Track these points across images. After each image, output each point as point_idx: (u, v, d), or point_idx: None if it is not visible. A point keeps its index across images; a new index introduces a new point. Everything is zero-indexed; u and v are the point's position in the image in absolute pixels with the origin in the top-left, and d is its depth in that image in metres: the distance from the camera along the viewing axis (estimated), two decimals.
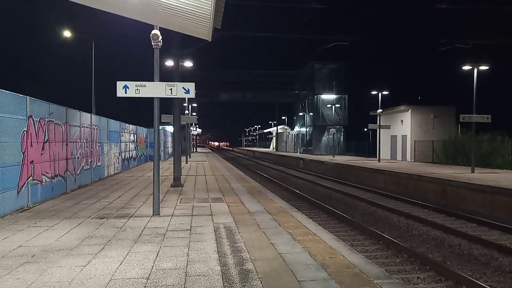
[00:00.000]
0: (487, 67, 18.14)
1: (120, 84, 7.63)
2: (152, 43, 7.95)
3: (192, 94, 7.75)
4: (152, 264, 4.82)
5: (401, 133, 31.41)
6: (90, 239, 6.07)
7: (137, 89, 7.65)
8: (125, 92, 7.64)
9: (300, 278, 4.33)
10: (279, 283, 4.22)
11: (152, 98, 7.91)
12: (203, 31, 6.73)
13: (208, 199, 10.08)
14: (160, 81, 7.93)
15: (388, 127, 29.06)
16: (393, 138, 32.56)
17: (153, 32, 7.80)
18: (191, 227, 6.87)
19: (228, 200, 9.97)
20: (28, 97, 8.92)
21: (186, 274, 4.46)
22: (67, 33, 21.48)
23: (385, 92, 28.71)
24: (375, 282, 4.25)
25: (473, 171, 17.79)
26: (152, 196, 9.02)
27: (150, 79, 7.90)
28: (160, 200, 8.24)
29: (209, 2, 5.20)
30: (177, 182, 12.90)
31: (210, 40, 7.47)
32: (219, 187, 12.92)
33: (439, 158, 26.30)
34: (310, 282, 4.22)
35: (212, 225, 7.02)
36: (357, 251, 6.73)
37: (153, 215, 7.89)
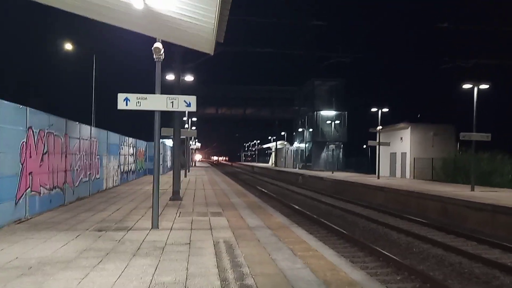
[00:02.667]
0: (487, 86, 18.28)
1: (121, 97, 7.62)
2: (154, 56, 8.00)
3: (193, 108, 7.76)
4: (151, 278, 4.74)
5: (400, 151, 31.45)
6: (88, 251, 5.98)
7: (138, 101, 7.64)
8: (126, 105, 7.64)
9: None
10: None
11: (153, 111, 7.93)
12: (206, 45, 6.78)
13: (208, 213, 10.00)
14: (161, 94, 7.94)
15: (387, 144, 29.10)
16: (393, 155, 32.58)
17: (155, 45, 7.86)
18: (190, 241, 6.79)
19: (228, 214, 9.89)
20: (28, 108, 8.91)
21: None
22: (68, 46, 21.68)
23: (385, 109, 28.87)
24: None
25: (472, 189, 17.74)
26: (150, 209, 8.95)
27: (150, 92, 7.91)
28: (159, 214, 8.16)
29: (212, 15, 5.26)
30: (176, 196, 12.82)
31: (212, 54, 7.53)
32: (218, 201, 12.84)
33: (439, 176, 26.28)
34: None
35: (211, 239, 6.94)
36: (358, 268, 6.64)
37: (152, 228, 7.80)
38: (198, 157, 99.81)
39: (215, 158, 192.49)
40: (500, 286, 7.34)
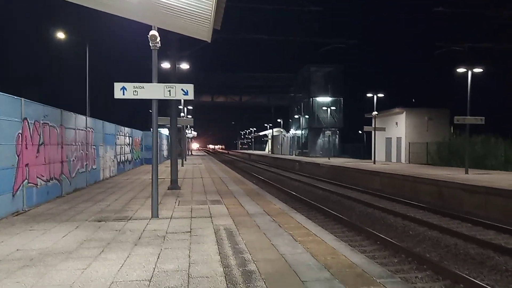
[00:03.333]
0: (481, 70, 18.33)
1: (117, 86, 7.55)
2: (150, 44, 7.90)
3: (191, 96, 7.71)
4: (154, 266, 4.79)
5: (395, 135, 31.61)
6: (89, 242, 6.01)
7: (135, 90, 7.58)
8: (123, 94, 7.57)
9: (303, 278, 4.32)
10: (283, 283, 4.21)
11: (150, 100, 7.88)
12: (203, 32, 6.71)
13: (207, 201, 10.04)
14: (157, 83, 7.88)
15: (383, 129, 29.22)
16: (388, 140, 32.75)
17: (151, 33, 7.75)
18: (191, 229, 6.84)
19: (227, 202, 9.94)
20: (23, 99, 8.83)
21: (189, 276, 4.43)
22: (61, 35, 21.34)
23: (380, 95, 28.88)
24: (378, 281, 4.26)
25: (467, 173, 17.94)
26: (149, 198, 8.97)
27: (145, 80, 7.84)
28: (158, 203, 8.18)
29: (210, 2, 5.19)
30: (174, 185, 12.84)
31: (209, 41, 7.46)
32: (217, 189, 12.88)
33: (433, 160, 26.50)
34: (314, 282, 4.22)
35: (212, 227, 6.99)
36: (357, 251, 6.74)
37: (151, 217, 7.83)
38: (195, 145, 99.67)
39: (211, 146, 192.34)
40: (494, 266, 7.49)
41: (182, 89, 7.66)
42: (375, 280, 4.30)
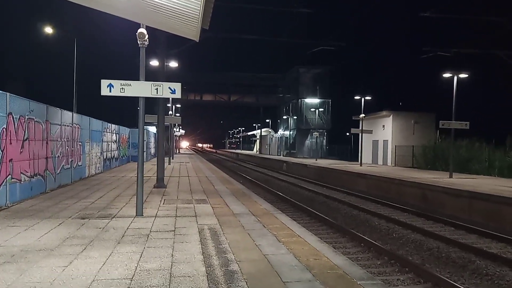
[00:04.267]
0: (466, 75, 18.67)
1: (104, 83, 7.51)
2: (138, 42, 7.87)
3: (178, 95, 7.71)
4: (136, 265, 4.77)
5: (382, 138, 31.97)
6: (71, 239, 5.96)
7: (122, 88, 7.55)
8: (110, 91, 7.54)
9: (285, 279, 4.36)
10: (265, 284, 4.24)
11: (138, 97, 7.84)
12: (191, 31, 6.71)
13: (192, 201, 10.02)
14: (145, 80, 7.85)
15: (370, 132, 29.51)
16: (375, 143, 33.10)
17: (139, 30, 7.73)
18: (175, 228, 6.82)
19: (212, 201, 9.94)
20: (8, 93, 8.72)
21: (171, 275, 4.43)
22: (48, 30, 21.04)
23: (368, 98, 29.17)
24: (358, 283, 4.32)
25: (451, 176, 18.24)
26: (134, 196, 8.90)
27: (134, 79, 7.80)
28: (143, 201, 8.15)
29: (198, 2, 5.19)
30: (160, 183, 12.78)
31: (197, 41, 7.46)
32: (203, 188, 12.86)
33: (419, 163, 26.89)
34: (295, 283, 4.26)
35: (196, 226, 6.99)
36: (340, 253, 6.81)
37: (136, 215, 7.79)
38: (184, 144, 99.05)
39: (200, 145, 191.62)
40: (476, 269, 7.63)
41: (169, 88, 7.65)
42: (356, 282, 4.36)
